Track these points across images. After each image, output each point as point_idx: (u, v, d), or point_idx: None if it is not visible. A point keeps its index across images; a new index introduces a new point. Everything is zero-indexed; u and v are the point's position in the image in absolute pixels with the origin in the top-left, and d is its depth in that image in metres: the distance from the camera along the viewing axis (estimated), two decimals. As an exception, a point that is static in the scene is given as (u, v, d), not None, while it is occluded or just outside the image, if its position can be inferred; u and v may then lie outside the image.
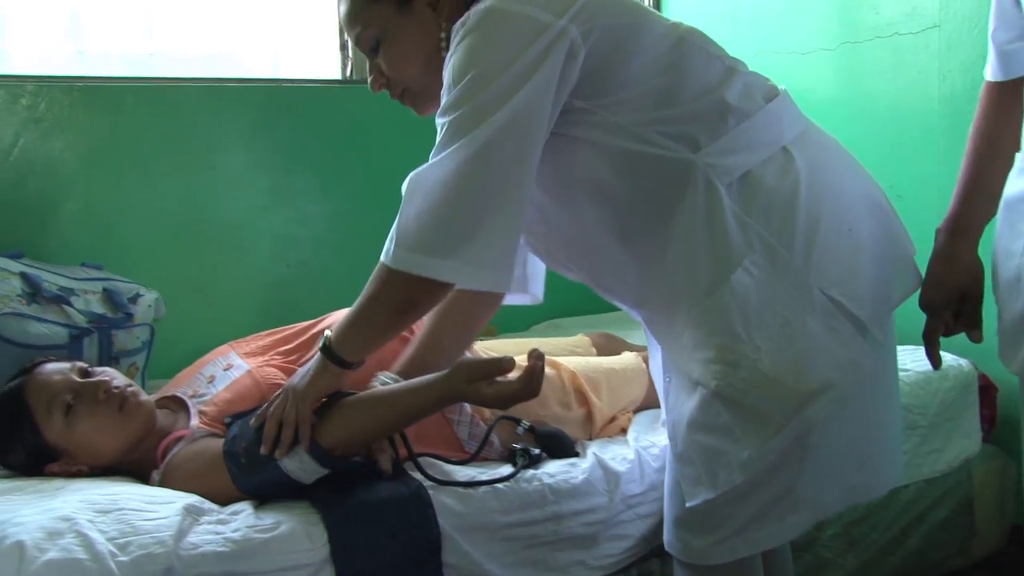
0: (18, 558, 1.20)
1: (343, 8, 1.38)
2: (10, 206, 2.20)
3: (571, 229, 1.38)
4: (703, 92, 1.27)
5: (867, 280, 1.30)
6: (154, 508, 1.35)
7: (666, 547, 1.43)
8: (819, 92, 2.58)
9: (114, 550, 1.25)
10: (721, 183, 1.24)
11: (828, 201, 1.29)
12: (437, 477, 1.50)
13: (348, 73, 2.71)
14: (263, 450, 1.40)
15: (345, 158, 2.63)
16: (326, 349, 1.38)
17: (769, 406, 1.23)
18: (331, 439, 1.40)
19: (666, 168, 1.25)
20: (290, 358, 1.70)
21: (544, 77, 1.20)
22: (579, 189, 1.31)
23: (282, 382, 1.61)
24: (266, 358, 1.71)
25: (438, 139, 1.24)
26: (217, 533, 1.35)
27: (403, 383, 1.46)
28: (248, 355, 1.71)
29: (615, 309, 2.86)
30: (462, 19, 1.25)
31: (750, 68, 1.35)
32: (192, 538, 1.32)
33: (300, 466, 1.41)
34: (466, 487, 1.51)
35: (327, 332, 1.39)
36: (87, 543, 1.24)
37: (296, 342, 1.74)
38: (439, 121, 1.25)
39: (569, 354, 1.99)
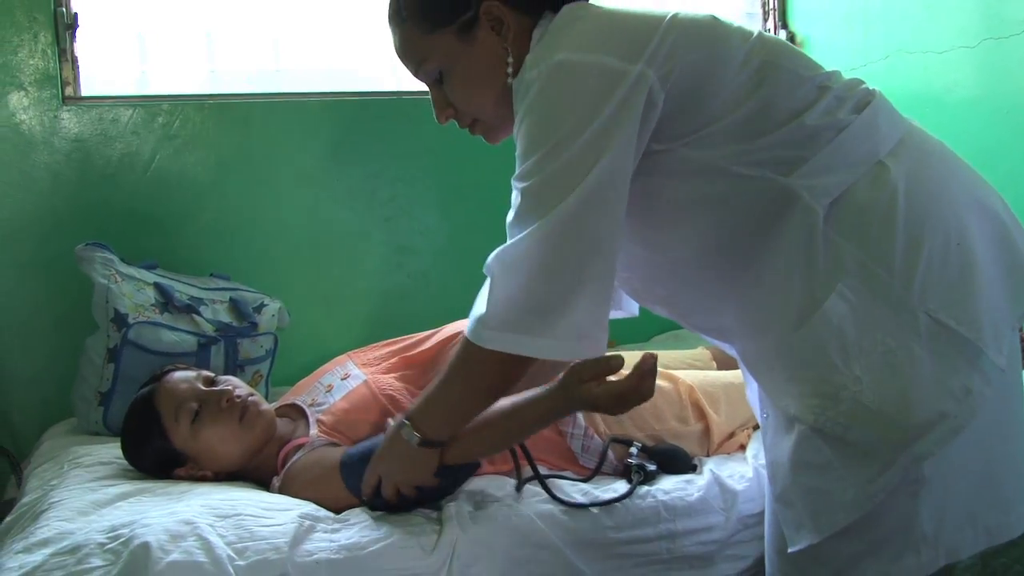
0: (144, 558, 1.26)
1: (396, 40, 1.30)
2: (148, 218, 2.31)
3: (657, 268, 1.32)
4: (790, 117, 1.18)
5: (981, 298, 1.17)
6: (271, 515, 1.39)
7: None
8: (957, 93, 2.43)
9: (232, 554, 1.29)
10: (819, 205, 1.16)
11: (932, 214, 1.18)
12: (560, 498, 1.47)
13: (467, 84, 2.73)
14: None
15: (464, 169, 2.64)
16: (409, 430, 1.35)
17: (874, 441, 1.14)
18: (454, 456, 1.40)
19: (758, 194, 1.18)
20: (407, 371, 1.71)
21: (624, 134, 1.13)
22: (662, 228, 1.26)
23: (395, 393, 1.63)
24: (383, 368, 1.73)
25: (515, 205, 1.20)
26: (332, 541, 1.37)
27: (519, 396, 1.43)
28: (365, 365, 1.74)
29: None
30: (529, 74, 1.18)
31: (880, 71, 1.26)
32: (307, 545, 1.35)
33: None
34: (581, 507, 1.48)
35: (405, 417, 1.36)
36: (207, 547, 1.28)
37: (412, 352, 1.76)
38: (516, 185, 1.20)
39: (688, 367, 1.94)
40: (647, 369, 1.29)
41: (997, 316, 1.19)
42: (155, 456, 1.63)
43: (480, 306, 1.23)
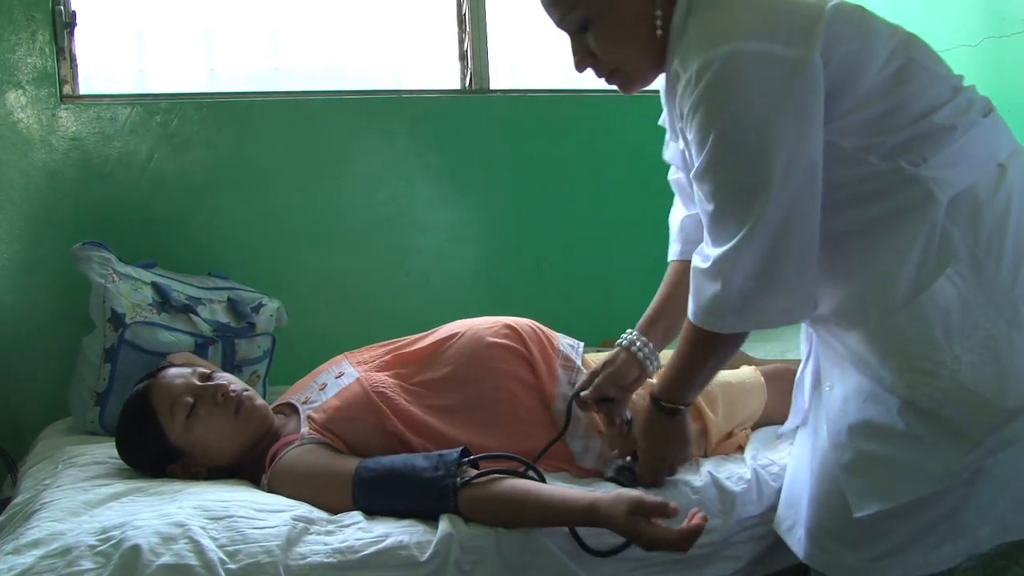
0: (135, 560, 1.24)
1: None
2: (145, 217, 2.31)
3: None
4: (922, 115, 1.23)
5: None
6: (264, 516, 1.37)
7: (805, 559, 1.40)
8: (960, 91, 2.42)
9: (224, 557, 1.28)
10: (945, 196, 1.22)
11: None
12: (592, 548, 1.44)
13: (468, 83, 2.72)
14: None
15: (465, 168, 2.64)
16: (663, 407, 1.49)
17: (967, 419, 1.20)
18: (470, 513, 1.43)
19: (888, 183, 1.23)
20: (400, 369, 1.70)
21: (813, 120, 1.18)
22: None
23: (387, 391, 1.62)
24: (376, 365, 1.72)
25: (714, 200, 1.23)
26: (325, 544, 1.36)
27: (560, 491, 1.44)
28: (360, 364, 1.73)
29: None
30: (700, 59, 1.19)
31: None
32: (300, 548, 1.34)
33: None
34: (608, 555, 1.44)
35: (664, 402, 1.48)
36: (198, 549, 1.27)
37: (407, 350, 1.75)
38: (707, 179, 1.23)
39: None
40: (695, 530, 1.30)
41: None
42: (149, 452, 1.62)
43: (711, 299, 1.28)
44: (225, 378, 1.68)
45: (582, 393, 1.63)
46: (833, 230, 1.27)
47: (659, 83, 1.43)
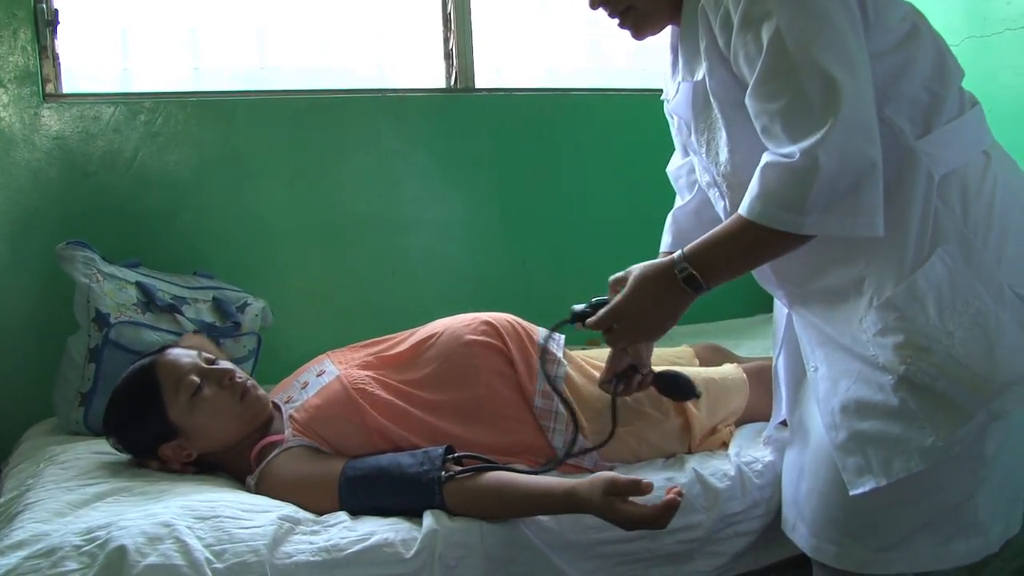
0: (121, 561, 1.25)
1: None
2: (130, 217, 2.29)
3: None
4: (928, 81, 1.27)
5: None
6: (250, 516, 1.38)
7: (811, 553, 1.40)
8: (941, 90, 2.44)
9: (210, 557, 1.28)
10: (937, 173, 1.25)
11: (1017, 208, 1.30)
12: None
13: (453, 82, 2.72)
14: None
15: (451, 167, 2.64)
16: (691, 280, 1.28)
17: (960, 393, 1.22)
18: (455, 505, 1.45)
19: (890, 149, 1.23)
20: (382, 369, 1.71)
21: (859, 29, 1.20)
22: None
23: (366, 386, 1.62)
24: (358, 364, 1.73)
25: (786, 91, 1.17)
26: (311, 543, 1.37)
27: (540, 479, 1.47)
28: (342, 363, 1.73)
29: (724, 318, 2.80)
30: None
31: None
32: (286, 547, 1.35)
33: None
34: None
35: (689, 266, 1.28)
36: (185, 549, 1.28)
37: (389, 352, 1.75)
38: (780, 69, 1.17)
39: (670, 365, 1.94)
40: (671, 505, 1.32)
41: None
42: (147, 429, 1.62)
43: (795, 192, 1.18)
44: (230, 365, 1.70)
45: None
46: None
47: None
